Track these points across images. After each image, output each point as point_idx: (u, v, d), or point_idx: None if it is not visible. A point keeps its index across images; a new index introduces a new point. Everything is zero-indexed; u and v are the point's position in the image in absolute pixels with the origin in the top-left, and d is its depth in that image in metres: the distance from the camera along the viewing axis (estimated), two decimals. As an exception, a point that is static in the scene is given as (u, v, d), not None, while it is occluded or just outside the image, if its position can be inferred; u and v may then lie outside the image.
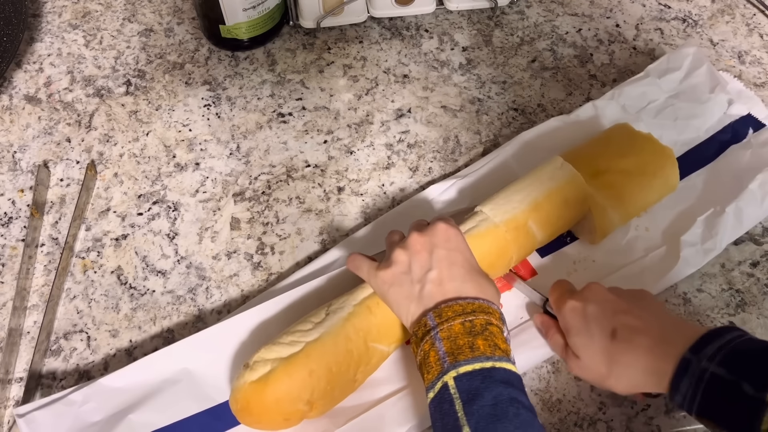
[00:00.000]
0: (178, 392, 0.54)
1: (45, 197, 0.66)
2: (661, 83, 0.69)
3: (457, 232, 0.51)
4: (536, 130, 0.67)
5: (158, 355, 0.54)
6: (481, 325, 0.46)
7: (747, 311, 0.60)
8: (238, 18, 0.70)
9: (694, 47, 0.70)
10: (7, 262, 0.62)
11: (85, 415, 0.52)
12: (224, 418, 0.53)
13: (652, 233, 0.62)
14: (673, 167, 0.61)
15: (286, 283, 0.60)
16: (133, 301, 0.60)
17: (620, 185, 0.59)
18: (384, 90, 0.73)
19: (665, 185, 0.61)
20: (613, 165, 0.59)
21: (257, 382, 0.48)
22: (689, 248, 0.59)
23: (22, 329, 0.59)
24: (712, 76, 0.69)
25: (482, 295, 0.49)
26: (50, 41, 0.77)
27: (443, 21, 0.79)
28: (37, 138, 0.70)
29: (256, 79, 0.74)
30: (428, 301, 0.48)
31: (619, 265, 0.60)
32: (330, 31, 0.78)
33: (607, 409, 0.55)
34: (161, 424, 0.53)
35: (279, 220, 0.65)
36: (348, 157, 0.69)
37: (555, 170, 0.58)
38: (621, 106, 0.68)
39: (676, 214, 0.63)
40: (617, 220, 0.59)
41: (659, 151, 0.61)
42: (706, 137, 0.67)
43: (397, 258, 0.50)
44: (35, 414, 0.52)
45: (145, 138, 0.70)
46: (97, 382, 0.53)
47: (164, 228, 0.64)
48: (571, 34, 0.78)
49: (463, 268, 0.49)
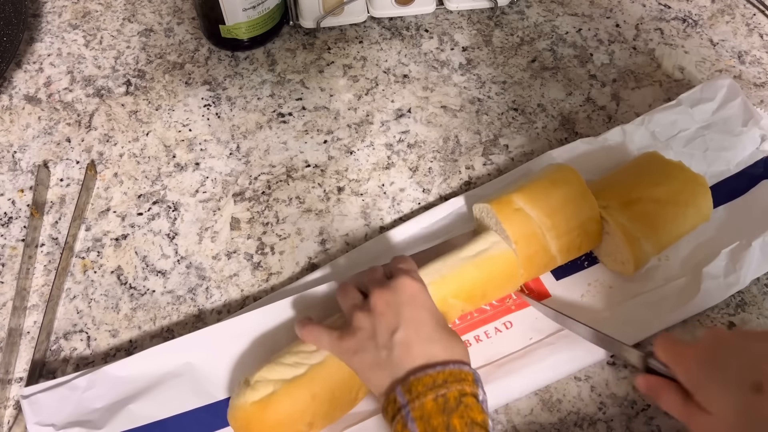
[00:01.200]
0: (180, 386, 0.54)
1: (45, 197, 0.66)
2: (693, 113, 0.68)
3: (421, 287, 0.49)
4: (563, 150, 0.66)
5: (163, 348, 0.55)
6: (455, 399, 0.43)
7: (747, 311, 0.60)
8: (238, 18, 0.70)
9: (729, 79, 0.69)
10: (7, 262, 0.62)
11: (87, 401, 0.53)
12: (222, 416, 0.53)
13: (672, 262, 0.60)
14: (707, 196, 0.59)
15: (293, 286, 0.60)
16: (133, 301, 0.60)
17: (653, 215, 0.57)
18: (384, 90, 0.73)
19: (698, 214, 0.59)
20: (645, 194, 0.57)
21: (259, 402, 0.48)
22: (711, 281, 0.58)
23: (22, 329, 0.59)
24: (747, 110, 0.67)
25: (452, 356, 0.45)
26: (50, 41, 0.77)
27: (443, 21, 0.79)
28: (37, 138, 0.70)
29: (256, 79, 0.74)
30: (396, 369, 0.45)
31: (636, 292, 0.59)
32: (330, 31, 0.78)
33: (607, 409, 0.55)
34: (161, 416, 0.53)
35: (279, 220, 0.65)
36: (348, 157, 0.69)
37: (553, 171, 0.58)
38: (651, 132, 0.67)
39: (699, 245, 0.61)
40: (651, 251, 0.57)
41: (692, 179, 0.59)
42: (737, 171, 0.65)
43: (360, 323, 0.47)
44: (39, 396, 0.53)
45: (145, 138, 0.70)
46: (101, 370, 0.54)
47: (164, 228, 0.64)
48: (571, 34, 0.78)
49: (430, 326, 0.47)
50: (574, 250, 0.57)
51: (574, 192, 0.57)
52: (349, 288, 0.51)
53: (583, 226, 0.56)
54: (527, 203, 0.56)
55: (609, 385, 0.56)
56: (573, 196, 0.57)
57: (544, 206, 0.56)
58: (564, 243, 0.56)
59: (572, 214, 0.56)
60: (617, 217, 0.57)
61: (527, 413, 0.55)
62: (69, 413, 0.53)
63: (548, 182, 0.58)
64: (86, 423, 0.52)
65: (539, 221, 0.55)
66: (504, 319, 0.58)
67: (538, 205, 0.56)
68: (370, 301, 0.48)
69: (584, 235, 0.57)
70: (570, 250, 0.57)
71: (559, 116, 0.72)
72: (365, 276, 0.52)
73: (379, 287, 0.48)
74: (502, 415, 0.55)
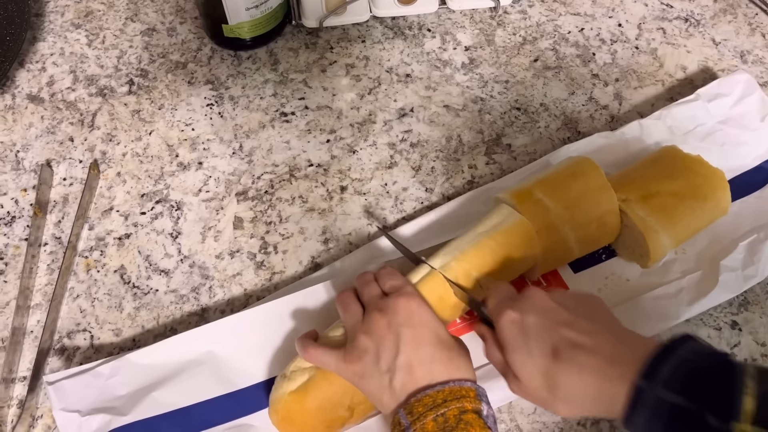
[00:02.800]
0: (202, 374, 0.54)
1: (48, 196, 0.66)
2: (711, 107, 0.68)
3: (417, 302, 0.48)
4: (580, 144, 0.67)
5: (186, 336, 0.55)
6: (455, 417, 0.43)
7: (750, 310, 0.60)
8: (240, 17, 0.70)
9: (746, 74, 0.69)
10: (11, 261, 0.62)
11: (111, 388, 0.53)
12: (245, 404, 0.53)
13: (688, 255, 0.61)
14: (725, 190, 0.59)
15: (318, 275, 0.60)
16: (136, 300, 0.60)
17: (672, 208, 0.57)
18: (386, 89, 0.73)
19: (717, 208, 0.60)
20: (663, 188, 0.58)
21: (297, 391, 0.48)
22: (729, 273, 0.58)
23: (26, 328, 0.59)
24: (764, 105, 0.68)
25: (453, 374, 0.46)
26: (53, 41, 0.77)
27: (446, 20, 0.79)
28: (40, 137, 0.70)
29: (259, 78, 0.74)
30: (399, 393, 0.45)
31: (654, 285, 0.59)
32: (332, 30, 0.78)
33: (610, 408, 0.55)
34: (183, 403, 0.53)
35: (282, 220, 0.65)
36: (351, 156, 0.69)
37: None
38: (668, 127, 0.67)
39: (716, 239, 0.61)
40: (669, 244, 0.58)
41: (710, 173, 0.59)
42: (754, 165, 0.66)
43: (364, 345, 0.47)
44: (64, 383, 0.53)
45: (147, 137, 0.70)
46: (125, 357, 0.54)
47: (167, 227, 0.64)
48: (573, 33, 0.78)
49: (431, 345, 0.47)
50: (592, 243, 0.58)
51: (594, 184, 0.57)
52: (349, 300, 0.51)
53: (601, 219, 0.57)
54: (546, 195, 0.56)
55: (612, 384, 0.56)
56: (592, 189, 0.57)
57: (563, 198, 0.56)
58: (582, 235, 0.56)
59: (591, 206, 0.56)
60: (636, 210, 0.57)
61: (530, 412, 0.55)
62: (93, 400, 0.53)
63: (568, 174, 0.58)
64: (111, 409, 0.53)
65: (558, 213, 0.56)
66: None
67: (558, 197, 0.56)
68: (371, 323, 0.48)
69: (602, 227, 0.57)
70: (588, 243, 0.57)
71: (561, 115, 0.72)
72: (360, 286, 0.52)
73: (376, 309, 0.48)
74: (506, 414, 0.55)
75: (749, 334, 0.59)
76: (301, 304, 0.57)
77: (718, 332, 0.59)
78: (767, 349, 0.58)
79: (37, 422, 0.55)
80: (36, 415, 0.55)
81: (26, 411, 0.54)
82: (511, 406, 0.55)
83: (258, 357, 0.55)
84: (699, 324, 0.59)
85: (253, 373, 0.55)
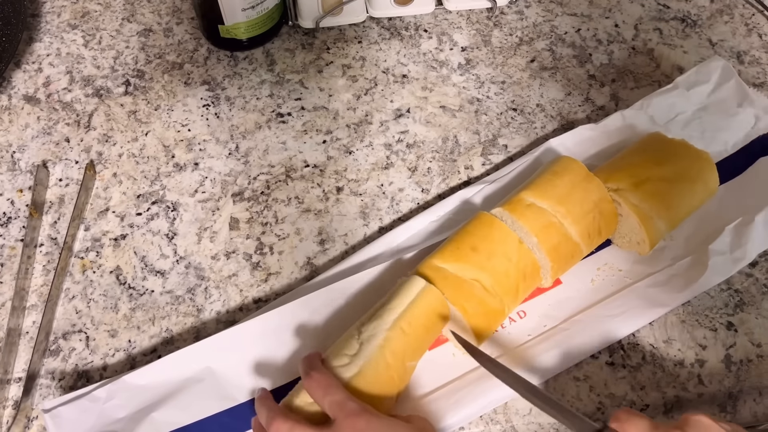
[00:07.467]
0: (201, 391, 0.54)
1: (44, 197, 0.66)
2: (690, 95, 0.69)
3: (367, 419, 0.45)
4: (564, 137, 0.67)
5: (182, 354, 0.54)
6: None
7: (746, 311, 0.60)
8: (237, 18, 0.70)
9: (722, 60, 0.70)
10: (6, 262, 0.62)
11: (109, 411, 0.53)
12: (245, 418, 0.53)
13: (677, 242, 0.62)
14: (712, 170, 0.60)
15: (312, 283, 0.60)
16: (132, 301, 0.60)
17: (663, 193, 0.58)
18: (383, 90, 0.73)
19: (706, 189, 0.61)
20: (653, 174, 0.59)
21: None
22: (718, 257, 0.58)
23: (21, 329, 0.59)
24: (741, 91, 0.69)
25: None
26: (49, 41, 0.77)
27: (442, 21, 0.79)
28: (36, 138, 0.70)
29: (255, 79, 0.74)
30: None
31: (646, 274, 0.60)
32: (329, 31, 0.78)
33: (606, 409, 0.55)
34: (184, 422, 0.53)
35: (278, 220, 0.65)
36: (347, 157, 0.69)
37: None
38: (649, 116, 0.68)
39: (702, 224, 0.62)
40: (664, 228, 0.58)
41: (696, 155, 0.60)
42: (734, 150, 0.67)
43: None
44: (61, 409, 0.53)
45: (144, 138, 0.70)
46: (121, 379, 0.53)
47: (163, 228, 0.64)
48: (570, 34, 0.78)
49: None
50: (595, 235, 0.58)
51: (578, 177, 0.58)
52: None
53: (597, 207, 0.57)
54: (536, 197, 0.57)
55: (608, 385, 0.56)
56: (578, 181, 0.58)
57: (553, 195, 0.57)
58: (583, 228, 0.57)
59: (583, 197, 0.57)
60: (629, 198, 0.58)
61: (526, 413, 0.55)
62: (92, 425, 0.52)
63: (550, 174, 0.59)
64: None
65: (553, 210, 0.56)
66: (518, 309, 0.59)
67: (547, 196, 0.57)
68: None
69: (601, 216, 0.58)
70: (591, 235, 0.58)
71: (558, 116, 0.72)
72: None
73: None
74: (501, 414, 0.55)
75: (745, 335, 0.59)
76: (298, 314, 0.56)
77: (714, 333, 0.59)
78: (763, 350, 0.58)
79: (32, 423, 0.55)
80: (31, 416, 0.55)
81: (21, 412, 0.54)
82: (506, 407, 0.55)
83: (256, 370, 0.55)
84: (695, 325, 0.59)
85: (253, 387, 0.54)
